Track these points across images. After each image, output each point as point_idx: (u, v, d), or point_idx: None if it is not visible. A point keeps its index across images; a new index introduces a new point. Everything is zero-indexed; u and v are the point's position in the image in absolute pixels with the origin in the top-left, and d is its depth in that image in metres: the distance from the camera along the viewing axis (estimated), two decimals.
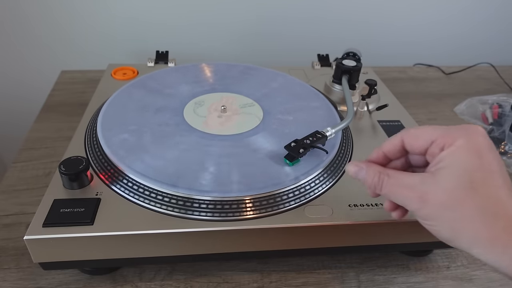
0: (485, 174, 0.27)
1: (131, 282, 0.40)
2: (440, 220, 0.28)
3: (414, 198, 0.28)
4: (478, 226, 0.26)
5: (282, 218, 0.37)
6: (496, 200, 0.26)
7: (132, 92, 0.52)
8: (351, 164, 0.33)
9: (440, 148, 0.28)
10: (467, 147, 0.27)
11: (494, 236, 0.26)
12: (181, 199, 0.37)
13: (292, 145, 0.41)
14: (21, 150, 0.56)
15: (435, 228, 0.28)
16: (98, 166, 0.41)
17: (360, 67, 0.56)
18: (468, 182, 0.26)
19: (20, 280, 0.40)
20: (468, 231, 0.26)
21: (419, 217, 0.29)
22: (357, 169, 0.32)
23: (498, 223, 0.26)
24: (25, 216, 0.46)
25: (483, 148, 0.27)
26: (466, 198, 0.26)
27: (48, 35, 0.81)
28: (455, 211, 0.27)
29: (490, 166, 0.27)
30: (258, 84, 0.57)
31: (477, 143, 0.27)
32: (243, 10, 0.83)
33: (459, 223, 0.27)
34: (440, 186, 0.27)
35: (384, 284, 0.42)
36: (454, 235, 0.27)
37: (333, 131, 0.43)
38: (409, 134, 0.31)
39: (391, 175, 0.30)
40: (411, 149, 0.31)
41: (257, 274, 0.42)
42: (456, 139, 0.28)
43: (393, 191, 0.30)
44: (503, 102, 0.69)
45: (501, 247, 0.25)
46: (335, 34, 0.89)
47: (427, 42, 0.94)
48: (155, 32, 0.83)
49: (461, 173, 0.27)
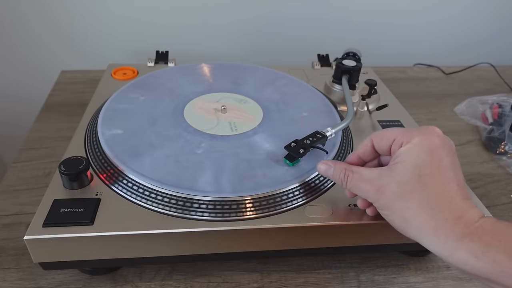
0: (433, 170, 0.29)
1: (131, 282, 0.40)
2: (393, 210, 0.31)
3: (372, 190, 0.32)
4: (424, 217, 0.29)
5: (282, 218, 0.37)
6: (442, 193, 0.29)
7: (132, 92, 0.52)
8: (321, 163, 0.37)
9: (399, 145, 0.32)
10: (421, 145, 0.30)
11: (438, 226, 0.28)
12: (181, 199, 0.37)
13: (292, 145, 0.41)
14: (21, 150, 0.56)
15: (389, 217, 0.31)
16: (98, 166, 0.41)
17: (360, 67, 0.56)
18: (418, 176, 0.29)
19: (20, 280, 0.40)
20: (416, 220, 0.29)
21: (377, 207, 0.32)
22: (326, 167, 0.36)
23: (441, 214, 0.28)
24: (25, 216, 0.46)
25: (436, 146, 0.30)
26: (415, 190, 0.29)
27: (48, 35, 0.81)
28: (406, 201, 0.30)
29: (440, 162, 0.30)
30: (258, 84, 0.57)
31: (430, 142, 0.30)
32: (243, 10, 0.83)
33: (409, 213, 0.30)
34: (394, 179, 0.30)
35: (384, 284, 0.42)
36: (405, 224, 0.30)
37: (333, 131, 0.43)
38: (376, 135, 0.34)
39: (355, 171, 0.34)
40: (379, 148, 0.34)
41: (257, 274, 0.42)
42: (413, 137, 0.31)
43: (356, 186, 0.33)
44: (503, 102, 0.69)
45: (444, 237, 0.28)
46: (335, 34, 0.89)
47: (427, 42, 0.94)
48: (155, 32, 0.83)
49: (413, 168, 0.30)
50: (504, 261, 0.25)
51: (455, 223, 0.28)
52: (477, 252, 0.26)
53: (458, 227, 0.28)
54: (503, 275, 0.25)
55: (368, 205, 0.36)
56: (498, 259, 0.26)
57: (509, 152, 0.61)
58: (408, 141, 0.31)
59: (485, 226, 0.27)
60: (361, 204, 0.36)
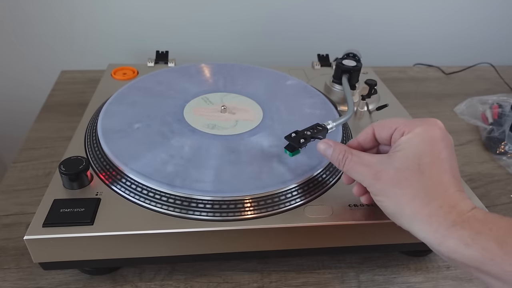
0: (433, 160, 0.30)
1: (131, 282, 0.40)
2: (388, 196, 0.31)
3: (369, 175, 0.32)
4: (418, 203, 0.29)
5: (282, 218, 0.37)
6: (438, 182, 0.29)
7: (132, 92, 0.52)
8: (321, 142, 0.37)
9: (400, 134, 0.32)
10: (422, 135, 0.31)
11: (431, 213, 0.28)
12: (181, 199, 0.37)
13: (293, 135, 0.41)
14: (21, 150, 0.56)
15: (383, 203, 0.32)
16: (98, 166, 0.41)
17: (360, 67, 0.56)
18: (417, 165, 0.30)
19: (20, 280, 0.40)
20: (409, 207, 0.30)
21: (371, 192, 0.32)
22: (326, 147, 0.36)
23: (435, 202, 0.29)
24: (25, 216, 0.46)
25: (436, 138, 0.31)
26: (412, 177, 0.30)
27: (48, 35, 0.81)
28: (401, 188, 0.30)
29: (439, 154, 0.30)
30: (258, 84, 0.57)
31: (432, 133, 0.31)
32: (243, 10, 0.83)
33: (403, 199, 0.30)
34: (393, 166, 0.31)
35: (384, 284, 0.42)
36: (398, 211, 0.30)
37: (334, 124, 0.43)
38: (378, 123, 0.35)
39: (354, 154, 0.34)
40: (379, 137, 0.35)
41: (257, 274, 0.42)
42: (415, 127, 0.31)
43: (353, 168, 0.33)
44: (503, 102, 0.69)
45: (436, 224, 0.28)
46: (335, 34, 0.89)
47: (427, 42, 0.94)
48: (155, 32, 0.83)
49: (413, 156, 0.30)
50: (493, 249, 0.26)
51: (448, 211, 0.28)
52: (467, 239, 0.27)
53: (451, 215, 0.28)
54: (492, 263, 0.26)
55: (363, 192, 0.36)
56: (487, 247, 0.26)
57: (509, 152, 0.61)
58: (410, 131, 0.31)
59: (477, 216, 0.28)
60: (356, 191, 0.37)
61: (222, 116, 0.49)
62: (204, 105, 0.51)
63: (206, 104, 0.51)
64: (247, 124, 0.48)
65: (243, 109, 0.51)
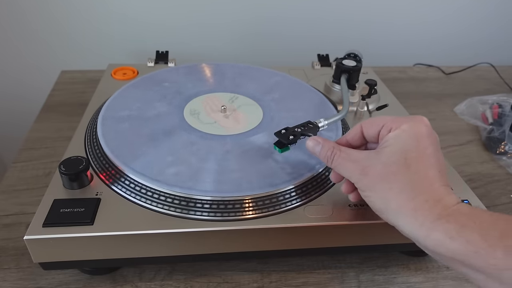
0: (419, 155, 0.31)
1: (131, 282, 0.40)
2: (375, 190, 0.31)
3: (357, 170, 0.32)
4: (405, 198, 0.29)
5: (282, 218, 0.37)
6: (424, 176, 0.30)
7: (132, 92, 0.52)
8: (310, 139, 0.37)
9: (388, 130, 0.33)
10: (409, 131, 0.31)
11: (417, 207, 0.29)
12: (181, 199, 0.37)
13: (283, 132, 0.40)
14: (21, 150, 0.56)
15: (370, 199, 0.32)
16: (98, 166, 0.41)
17: (360, 67, 0.56)
18: (404, 159, 0.30)
19: (20, 280, 0.40)
20: (396, 201, 0.30)
21: (359, 188, 0.33)
22: (314, 143, 0.36)
23: (421, 196, 0.29)
24: (25, 216, 0.46)
25: (422, 134, 0.31)
26: (398, 172, 0.30)
27: (48, 35, 0.81)
28: (389, 182, 0.30)
29: (425, 149, 0.31)
30: (258, 84, 0.57)
31: (418, 129, 0.32)
32: (243, 10, 0.83)
33: (390, 194, 0.30)
34: (380, 161, 0.31)
35: (384, 284, 0.42)
36: (384, 206, 0.31)
37: (325, 122, 0.43)
38: (366, 121, 0.35)
39: (342, 150, 0.34)
40: (367, 135, 0.35)
41: (257, 274, 0.42)
42: (402, 124, 0.32)
43: (341, 164, 0.34)
44: (503, 102, 0.69)
45: (422, 218, 0.28)
46: (335, 34, 0.89)
47: (427, 42, 0.94)
48: (155, 32, 0.83)
49: (400, 151, 0.31)
50: (477, 241, 0.26)
51: (434, 205, 0.29)
52: (452, 232, 0.27)
53: (437, 208, 0.28)
54: (476, 256, 0.26)
55: (352, 190, 0.37)
56: (472, 239, 0.26)
57: (509, 152, 0.61)
58: (397, 127, 0.32)
59: (462, 210, 0.28)
60: (345, 188, 0.37)
61: (222, 116, 0.49)
62: (204, 105, 0.51)
63: (206, 104, 0.51)
64: (247, 124, 0.48)
65: (243, 109, 0.51)
